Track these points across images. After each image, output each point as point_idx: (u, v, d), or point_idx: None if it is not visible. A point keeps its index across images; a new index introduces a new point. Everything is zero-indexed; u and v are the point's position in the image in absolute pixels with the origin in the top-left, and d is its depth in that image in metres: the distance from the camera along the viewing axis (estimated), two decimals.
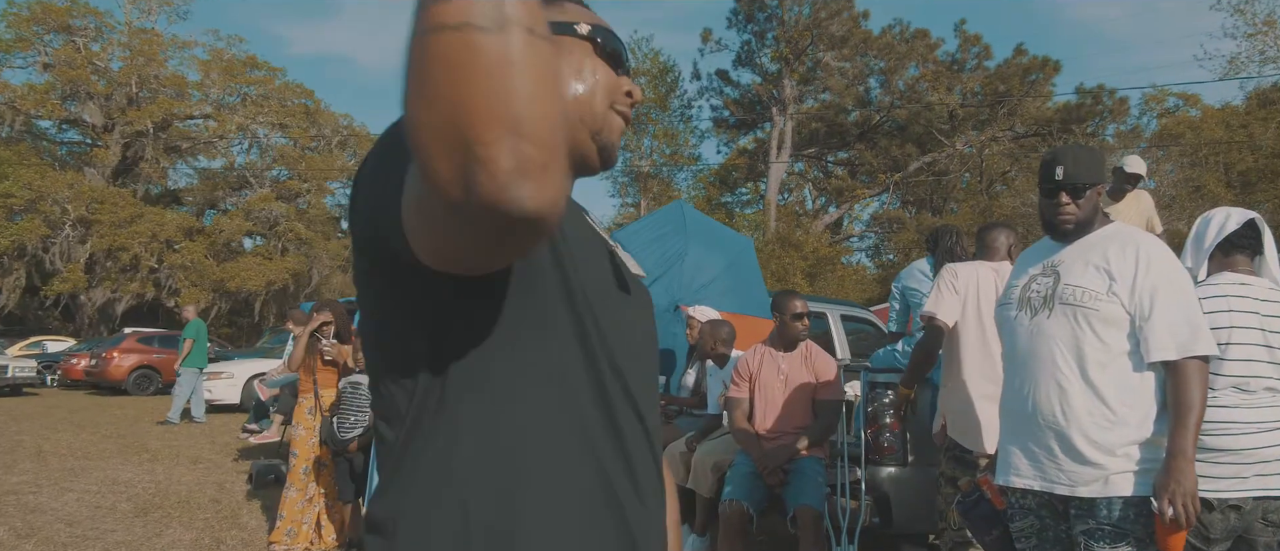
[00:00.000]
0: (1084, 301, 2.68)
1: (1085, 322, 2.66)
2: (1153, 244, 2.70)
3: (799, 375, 4.80)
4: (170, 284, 31.14)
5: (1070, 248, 2.83)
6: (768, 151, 30.18)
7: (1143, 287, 2.62)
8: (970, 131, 28.03)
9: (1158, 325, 2.57)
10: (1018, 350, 2.88)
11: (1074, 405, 2.67)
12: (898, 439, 4.90)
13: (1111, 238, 2.75)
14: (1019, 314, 2.87)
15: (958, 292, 3.91)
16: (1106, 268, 2.68)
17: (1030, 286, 2.88)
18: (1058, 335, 2.71)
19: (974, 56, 28.43)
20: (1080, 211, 2.76)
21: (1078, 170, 2.75)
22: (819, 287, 25.19)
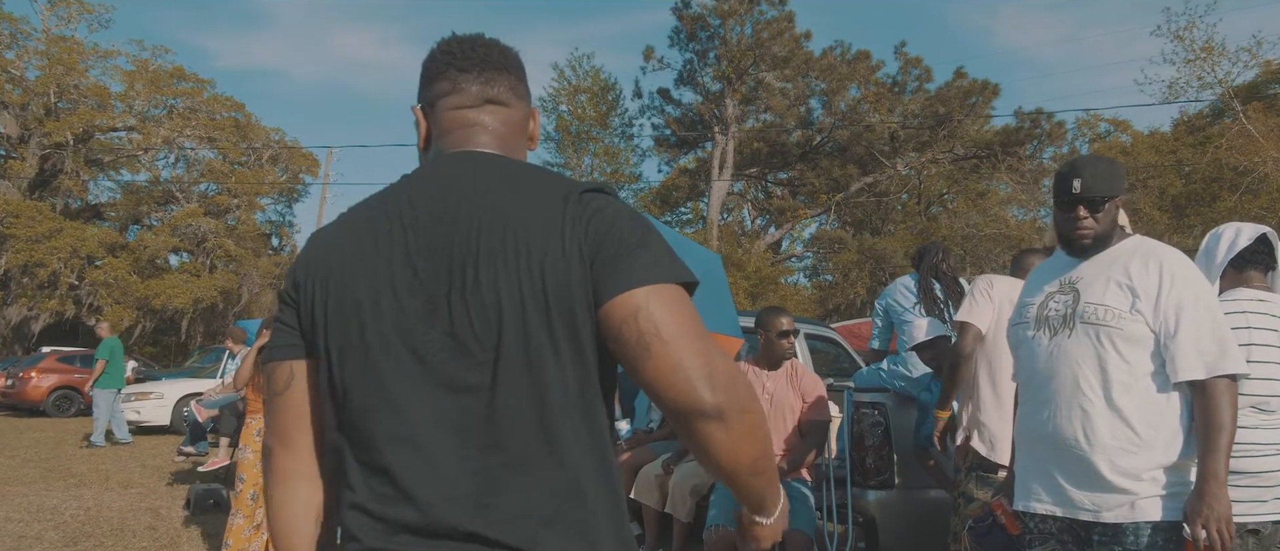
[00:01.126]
0: (1107, 320, 2.56)
1: (1109, 342, 2.54)
2: (1176, 258, 2.57)
3: (784, 395, 4.59)
4: (91, 301, 29.96)
5: (1088, 263, 2.70)
6: (709, 171, 30.15)
7: (1167, 304, 2.51)
8: (911, 153, 28.33)
9: (1184, 343, 2.47)
10: (1036, 371, 2.73)
11: (1098, 429, 2.54)
12: (884, 461, 4.71)
13: (1132, 252, 2.62)
14: (1037, 333, 2.73)
15: (993, 301, 3.78)
16: (1129, 284, 2.58)
17: (1047, 305, 2.74)
18: (1080, 356, 2.58)
19: (914, 79, 28.79)
20: (1099, 226, 2.64)
21: (1096, 182, 2.62)
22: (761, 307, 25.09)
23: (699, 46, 30.40)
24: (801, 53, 29.09)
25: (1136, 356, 2.52)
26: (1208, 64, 16.74)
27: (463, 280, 1.23)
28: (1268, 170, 14.52)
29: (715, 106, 29.87)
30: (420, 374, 1.23)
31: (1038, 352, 2.71)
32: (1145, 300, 2.51)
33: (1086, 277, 2.65)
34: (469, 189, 1.31)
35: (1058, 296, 2.70)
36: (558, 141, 33.27)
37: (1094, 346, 2.55)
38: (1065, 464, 2.61)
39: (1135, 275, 2.56)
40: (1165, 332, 2.49)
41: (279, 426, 1.37)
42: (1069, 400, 2.60)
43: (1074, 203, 2.65)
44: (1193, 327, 2.46)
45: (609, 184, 1.39)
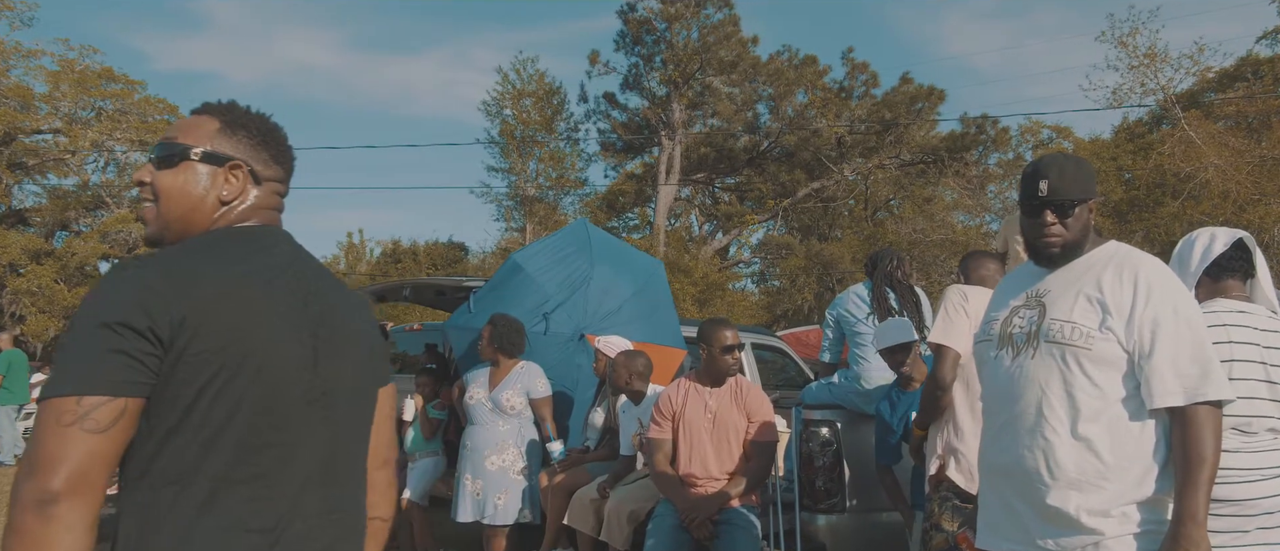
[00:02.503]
0: (1073, 339, 2.33)
1: (1075, 364, 2.32)
2: (1155, 268, 2.35)
3: (729, 413, 4.25)
4: (15, 310, 28.86)
5: (1058, 274, 2.47)
6: (655, 176, 29.86)
7: (1143, 321, 2.29)
8: (857, 158, 28.31)
9: (1161, 365, 2.25)
10: (998, 395, 2.48)
11: (1062, 461, 2.30)
12: (835, 482, 4.40)
13: (1106, 262, 2.40)
14: (999, 353, 2.48)
15: (969, 317, 3.42)
16: (1100, 297, 2.35)
17: (1011, 320, 2.50)
18: (1043, 379, 2.35)
19: (861, 84, 28.79)
20: (1068, 232, 2.42)
21: (1064, 184, 2.39)
22: (709, 314, 24.89)
23: (645, 50, 30.10)
24: (748, 57, 28.93)
25: (1107, 379, 2.29)
26: (1151, 70, 16.88)
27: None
28: (1209, 176, 14.61)
29: (661, 111, 29.60)
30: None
31: (1000, 374, 2.46)
32: (1117, 316, 2.29)
33: (1054, 291, 2.42)
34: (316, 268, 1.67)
35: (1023, 311, 2.47)
36: (502, 146, 32.71)
37: (1059, 368, 2.32)
38: (1028, 498, 2.35)
39: (1107, 288, 2.33)
40: (1139, 353, 2.26)
41: (85, 471, 1.27)
42: (1031, 428, 2.35)
43: (1041, 207, 2.40)
44: (1171, 347, 2.24)
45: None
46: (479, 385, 5.61)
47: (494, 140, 32.82)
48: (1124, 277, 2.32)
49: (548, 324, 5.91)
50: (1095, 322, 2.30)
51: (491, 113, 32.95)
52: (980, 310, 3.46)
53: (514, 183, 32.99)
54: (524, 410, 5.57)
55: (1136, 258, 2.38)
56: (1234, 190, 14.32)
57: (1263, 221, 13.75)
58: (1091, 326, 2.29)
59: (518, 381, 5.57)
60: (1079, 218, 2.41)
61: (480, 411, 5.53)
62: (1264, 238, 13.98)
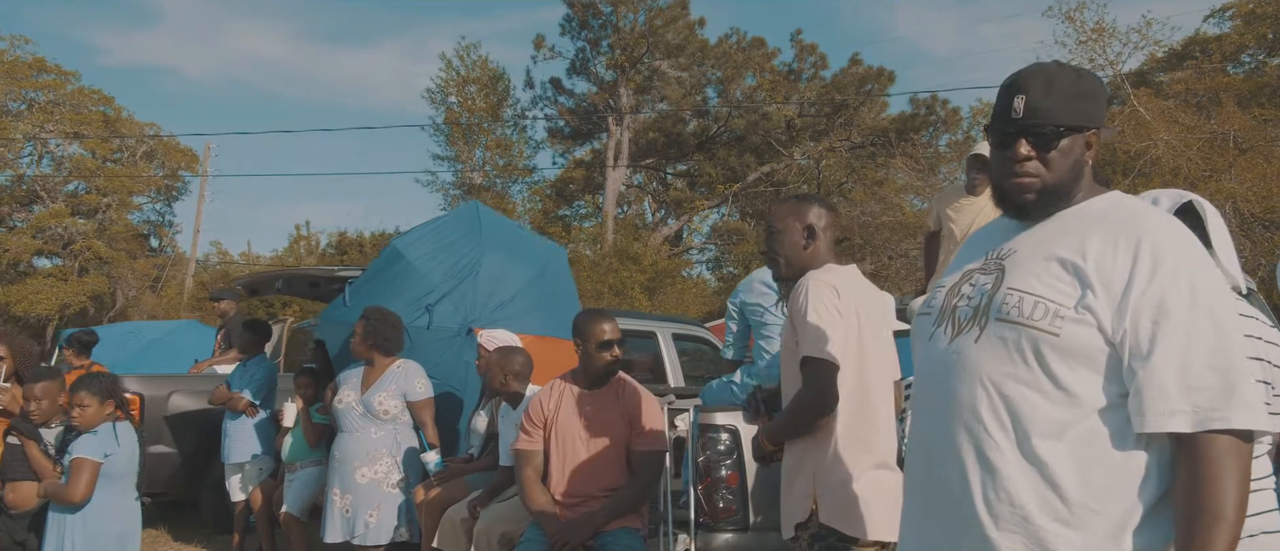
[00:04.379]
0: (1033, 318, 1.64)
1: (1033, 354, 1.63)
2: (1169, 233, 1.66)
3: (608, 419, 3.65)
4: None
5: (1034, 229, 1.80)
6: (604, 163, 29.25)
7: (1142, 304, 1.59)
8: (808, 142, 27.87)
9: (1162, 371, 1.56)
10: (925, 386, 1.84)
11: (1006, 491, 1.62)
12: (736, 496, 3.82)
13: (1099, 217, 1.72)
14: (936, 331, 1.82)
15: (842, 315, 2.73)
16: (1080, 264, 1.65)
17: (960, 289, 1.83)
18: (987, 371, 1.68)
19: (810, 66, 28.29)
20: (1050, 172, 1.74)
21: (1050, 102, 1.72)
22: (659, 302, 24.31)
23: (591, 35, 29.47)
24: (696, 40, 28.37)
25: (1079, 381, 1.62)
26: (1099, 46, 16.52)
27: None
28: (1159, 153, 14.27)
29: (609, 96, 28.97)
30: None
31: (932, 359, 1.81)
32: (1103, 293, 1.62)
33: (1022, 251, 1.76)
34: None
35: (978, 277, 1.80)
36: (448, 134, 31.93)
37: (1011, 358, 1.65)
38: (954, 539, 1.71)
39: (1094, 252, 1.65)
40: (1134, 349, 1.59)
41: None
42: (964, 439, 1.69)
43: (1014, 134, 1.75)
44: (1180, 346, 1.56)
45: None
46: (350, 387, 4.98)
47: (439, 128, 32.06)
48: (1122, 241, 1.64)
49: (431, 317, 5.28)
50: (1069, 298, 1.63)
51: (436, 100, 32.24)
52: (856, 302, 2.84)
53: (460, 171, 32.24)
54: (400, 415, 4.94)
55: (1144, 216, 1.69)
56: (1184, 167, 13.99)
57: (1213, 197, 13.40)
58: (1062, 303, 1.63)
59: (393, 382, 4.94)
60: (1068, 154, 1.74)
61: (350, 417, 4.90)
62: None
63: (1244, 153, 14.08)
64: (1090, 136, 1.78)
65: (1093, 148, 1.79)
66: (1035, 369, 1.63)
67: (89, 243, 31.93)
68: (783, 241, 2.97)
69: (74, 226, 31.88)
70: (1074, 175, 1.76)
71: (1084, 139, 1.77)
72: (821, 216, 3.00)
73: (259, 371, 6.35)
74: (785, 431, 2.82)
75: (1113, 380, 1.61)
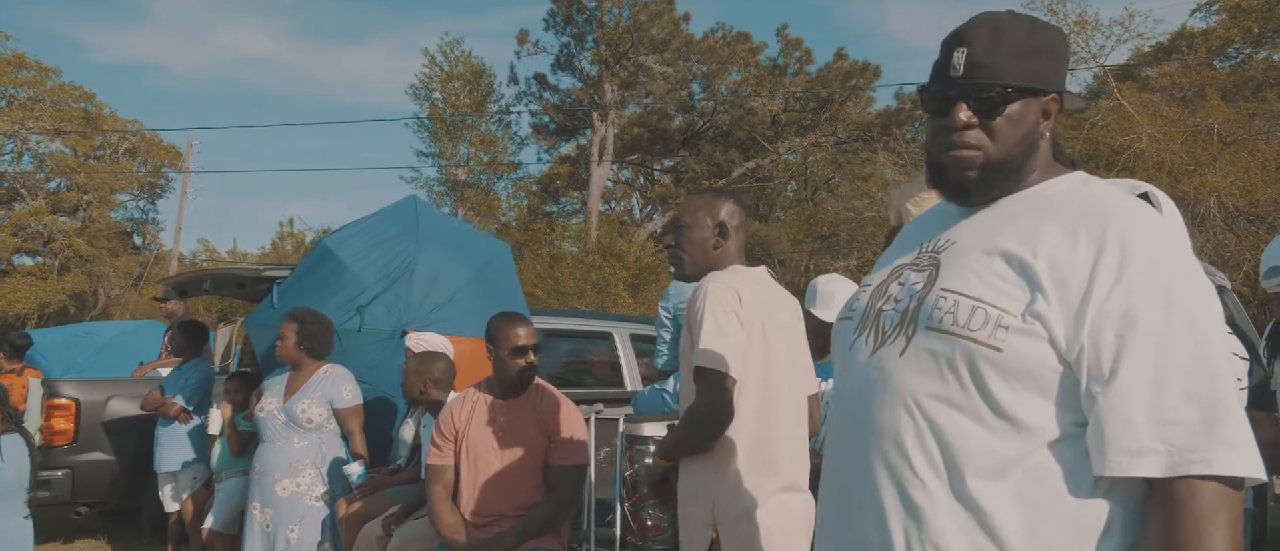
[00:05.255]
0: (970, 328, 1.32)
1: (969, 372, 1.32)
2: (1140, 224, 1.33)
3: (524, 430, 3.38)
4: None
5: (976, 217, 1.48)
6: (589, 159, 28.98)
7: (1105, 312, 1.27)
8: (793, 137, 27.62)
9: (1127, 399, 1.24)
10: (843, 407, 1.51)
11: (937, 542, 1.32)
12: (666, 513, 3.55)
13: (1057, 203, 1.40)
14: (857, 339, 1.50)
15: (743, 323, 2.46)
16: (1029, 260, 1.33)
17: (888, 288, 1.51)
18: (913, 392, 1.36)
19: (795, 61, 28.05)
20: (996, 144, 1.42)
21: (995, 56, 1.40)
22: (643, 300, 24.04)
23: (576, 30, 29.19)
24: (681, 35, 28.11)
25: (1027, 407, 1.30)
26: (1082, 38, 16.28)
27: None
28: (1143, 147, 14.04)
29: (593, 92, 28.70)
30: None
31: (852, 373, 1.49)
32: (1057, 296, 1.29)
33: (961, 243, 1.44)
34: None
35: (909, 273, 1.48)
36: (431, 130, 31.60)
37: (941, 378, 1.34)
38: None
39: (1049, 245, 1.33)
40: (1093, 369, 1.27)
41: None
42: (884, 478, 1.38)
43: (952, 97, 1.43)
44: (1150, 366, 1.24)
45: None
46: (273, 394, 4.70)
47: (423, 124, 31.72)
48: (1083, 232, 1.32)
49: (362, 319, 5.01)
50: (1015, 303, 1.31)
51: (420, 96, 31.88)
52: (759, 308, 2.57)
53: (444, 167, 31.88)
54: (326, 423, 4.67)
55: (1111, 202, 1.37)
56: (1168, 160, 13.76)
57: (1197, 192, 13.20)
58: (1007, 309, 1.31)
59: (318, 388, 4.66)
60: (1018, 122, 1.42)
61: (272, 426, 4.62)
62: (1200, 208, 13.43)
63: (1228, 146, 13.86)
64: (1048, 102, 1.45)
65: (1051, 116, 1.47)
66: (972, 391, 1.31)
67: (70, 240, 31.73)
68: (691, 237, 2.73)
69: (54, 224, 31.66)
70: (1025, 149, 1.44)
71: (1040, 105, 1.44)
72: (735, 214, 2.76)
73: (194, 375, 6.06)
74: (677, 448, 2.56)
75: (1068, 406, 1.30)
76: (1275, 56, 18.08)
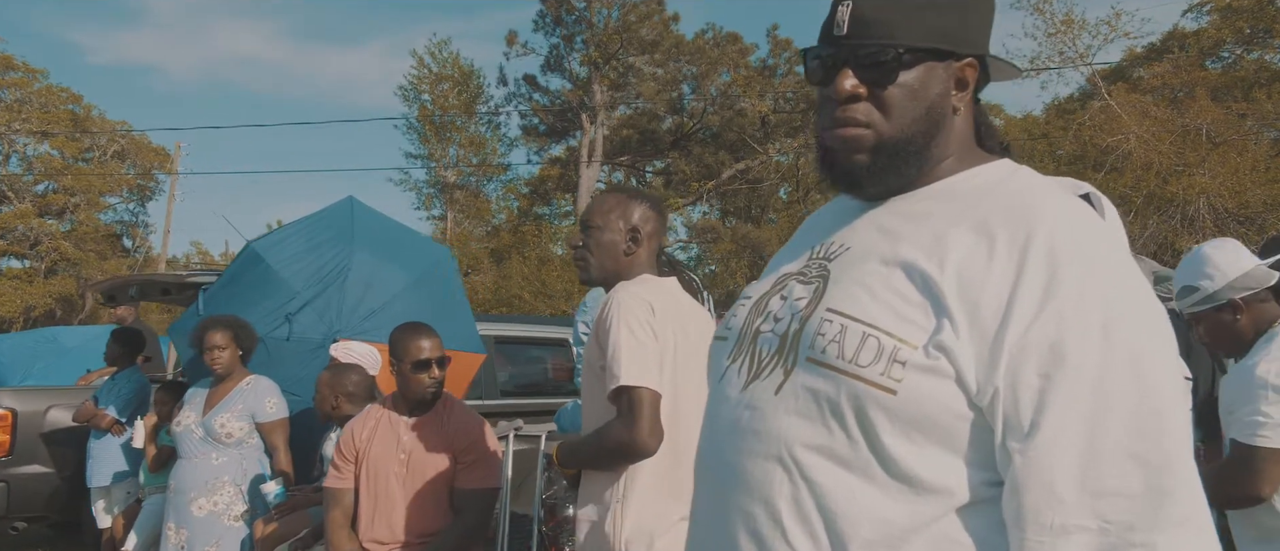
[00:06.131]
0: (857, 364, 1.05)
1: (856, 422, 1.05)
2: (1076, 225, 1.06)
3: (429, 451, 3.13)
4: None
5: (875, 215, 1.20)
6: (578, 160, 28.77)
7: (1028, 344, 0.99)
8: (784, 138, 27.40)
9: (1053, 458, 0.97)
10: (706, 456, 1.25)
11: None
12: None
13: (975, 200, 1.13)
14: (731, 367, 1.23)
15: (657, 336, 2.24)
16: (933, 274, 1.06)
17: (769, 303, 1.23)
18: (788, 444, 1.09)
19: (785, 62, 27.81)
20: (889, 120, 1.14)
21: (887, 10, 1.13)
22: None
23: (566, 31, 28.95)
24: (671, 36, 27.88)
25: (928, 464, 1.04)
26: (1069, 37, 16.09)
27: None
28: (1131, 147, 13.81)
29: (583, 93, 28.48)
30: None
31: (720, 412, 1.22)
32: (967, 322, 1.02)
33: (856, 248, 1.17)
34: None
35: (794, 285, 1.20)
36: (421, 132, 31.39)
37: (824, 426, 1.07)
38: None
39: (959, 254, 1.06)
40: (1010, 419, 1.00)
41: None
42: (749, 549, 1.12)
43: (837, 61, 1.16)
44: (1082, 417, 0.97)
45: None
46: (192, 408, 4.46)
47: (412, 126, 31.52)
48: (1002, 239, 1.04)
49: (291, 327, 4.75)
50: (916, 331, 1.04)
51: (409, 98, 31.71)
52: (679, 329, 2.33)
53: (433, 169, 31.69)
54: (247, 437, 4.42)
55: (1040, 202, 1.09)
56: (1157, 161, 13.53)
57: (1186, 193, 12.97)
58: (905, 339, 1.04)
59: (240, 401, 4.42)
60: (918, 93, 1.14)
61: (189, 441, 4.37)
62: (1189, 209, 13.21)
63: (1217, 146, 13.63)
64: (963, 68, 1.17)
65: (969, 86, 1.18)
66: (860, 443, 1.04)
67: (56, 243, 31.61)
68: (600, 240, 2.48)
69: (41, 227, 31.55)
70: (929, 127, 1.15)
71: (949, 72, 1.16)
72: (650, 220, 2.52)
73: (127, 386, 5.81)
74: (583, 461, 2.33)
75: (981, 463, 1.03)
76: (1267, 56, 17.88)
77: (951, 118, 1.18)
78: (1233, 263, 2.38)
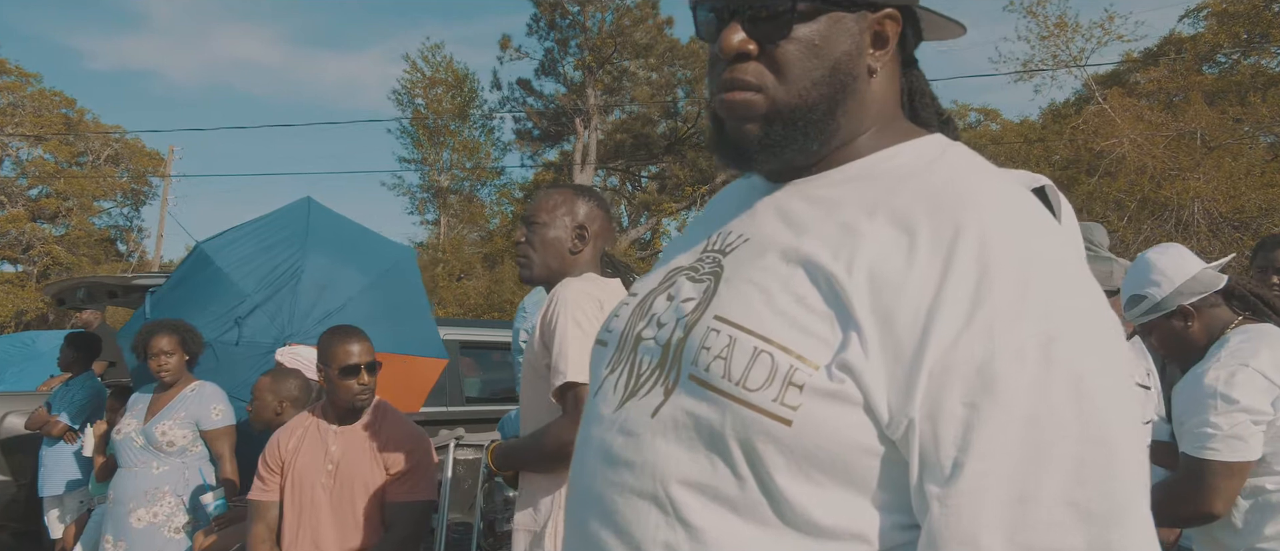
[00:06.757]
0: (745, 387, 0.85)
1: (743, 457, 0.86)
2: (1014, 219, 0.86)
3: (358, 462, 2.95)
4: None
5: (778, 198, 1.01)
6: (572, 165, 28.65)
7: (952, 365, 0.79)
8: None
9: (977, 506, 0.77)
10: (577, 484, 1.05)
11: None
12: None
13: (894, 185, 0.93)
14: (609, 378, 1.03)
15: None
16: (840, 276, 0.86)
17: (654, 303, 1.04)
18: (664, 480, 0.90)
19: None
20: (784, 82, 0.94)
21: None
22: None
23: (560, 35, 28.87)
24: (665, 40, 27.79)
25: (830, 506, 0.85)
26: (1062, 40, 15.95)
27: None
28: (1125, 150, 13.65)
29: (577, 98, 28.37)
30: None
31: (589, 439, 1.02)
32: (878, 336, 0.83)
33: (756, 239, 0.98)
34: None
35: (683, 282, 1.01)
36: (414, 136, 31.27)
37: (706, 461, 0.88)
38: None
39: (871, 251, 0.87)
40: (927, 457, 0.81)
41: None
42: None
43: (727, 13, 0.96)
44: (1016, 458, 0.77)
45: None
46: (134, 415, 4.28)
47: (405, 130, 31.40)
48: (925, 234, 0.86)
49: (240, 331, 4.58)
50: (818, 347, 0.86)
51: (402, 102, 31.61)
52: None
53: (427, 173, 31.54)
54: (191, 446, 4.24)
55: (973, 189, 0.90)
56: (1150, 165, 13.39)
57: (1180, 197, 12.82)
58: (804, 356, 0.85)
59: (183, 408, 4.24)
60: (820, 49, 0.94)
61: (128, 450, 4.20)
62: (1182, 214, 13.05)
63: (1212, 150, 13.48)
64: (880, 21, 0.97)
65: (888, 44, 0.98)
66: (749, 482, 0.86)
67: (49, 247, 31.55)
68: (545, 236, 2.37)
69: (34, 232, 31.50)
70: (834, 91, 0.95)
71: (863, 24, 0.96)
72: (597, 218, 2.40)
73: (81, 392, 5.64)
74: (522, 464, 2.19)
75: (893, 506, 0.85)
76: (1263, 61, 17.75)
77: (865, 81, 0.98)
78: (1179, 267, 2.22)
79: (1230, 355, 2.05)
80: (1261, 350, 2.04)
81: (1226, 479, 1.97)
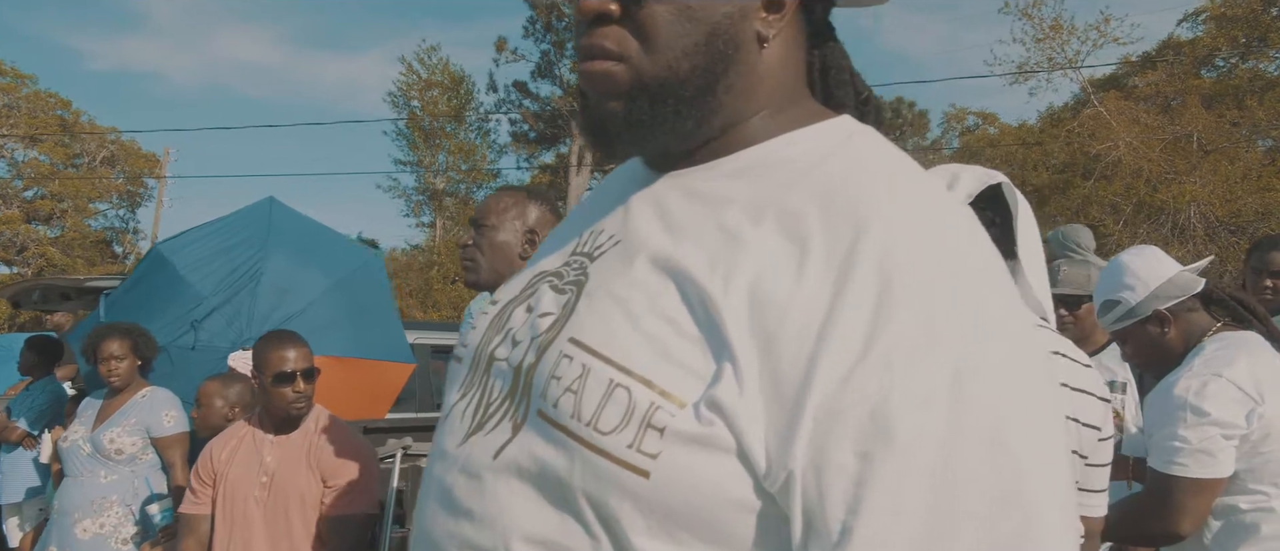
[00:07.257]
0: (596, 430, 0.69)
1: (593, 512, 0.70)
2: (922, 226, 0.70)
3: (293, 473, 2.80)
4: None
5: (657, 190, 0.83)
6: (568, 168, 28.56)
7: (842, 410, 0.63)
8: None
9: None
10: (418, 526, 0.86)
11: None
12: None
13: (787, 179, 0.76)
14: (457, 406, 0.86)
15: None
16: (715, 296, 0.69)
17: (511, 316, 0.86)
18: (505, 534, 0.74)
19: None
20: (650, 51, 0.77)
21: None
22: None
23: (556, 37, 28.78)
24: None
25: None
26: (1057, 42, 15.84)
27: None
28: (1121, 154, 13.52)
29: (573, 100, 28.29)
30: None
31: (430, 477, 0.85)
32: (757, 370, 0.67)
33: (627, 242, 0.81)
34: None
35: (546, 291, 0.85)
36: (410, 138, 31.20)
37: (555, 515, 0.73)
38: None
39: (754, 263, 0.71)
40: (812, 516, 0.64)
41: None
42: None
43: None
44: (918, 521, 0.62)
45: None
46: (82, 422, 4.13)
47: (401, 132, 31.34)
48: (817, 241, 0.70)
49: (197, 335, 4.43)
50: (686, 381, 0.69)
51: (398, 104, 31.56)
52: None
53: (422, 176, 31.46)
54: (140, 454, 4.09)
55: (874, 187, 0.74)
56: (1146, 168, 13.25)
57: (1176, 201, 12.68)
58: (668, 392, 0.69)
59: (133, 415, 4.09)
60: (692, 10, 0.77)
61: (75, 458, 4.04)
62: (1178, 217, 12.91)
63: (1208, 154, 13.35)
64: None
65: (785, 9, 0.82)
66: (603, 543, 0.71)
67: (43, 249, 31.52)
68: (493, 240, 2.25)
69: (28, 233, 31.49)
70: (712, 62, 0.79)
71: None
72: (549, 224, 2.30)
73: (41, 397, 5.49)
74: None
75: None
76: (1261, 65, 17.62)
77: (754, 51, 0.81)
78: (1154, 270, 2.07)
79: (1204, 364, 1.91)
80: (1238, 359, 1.89)
81: (1194, 496, 1.83)
